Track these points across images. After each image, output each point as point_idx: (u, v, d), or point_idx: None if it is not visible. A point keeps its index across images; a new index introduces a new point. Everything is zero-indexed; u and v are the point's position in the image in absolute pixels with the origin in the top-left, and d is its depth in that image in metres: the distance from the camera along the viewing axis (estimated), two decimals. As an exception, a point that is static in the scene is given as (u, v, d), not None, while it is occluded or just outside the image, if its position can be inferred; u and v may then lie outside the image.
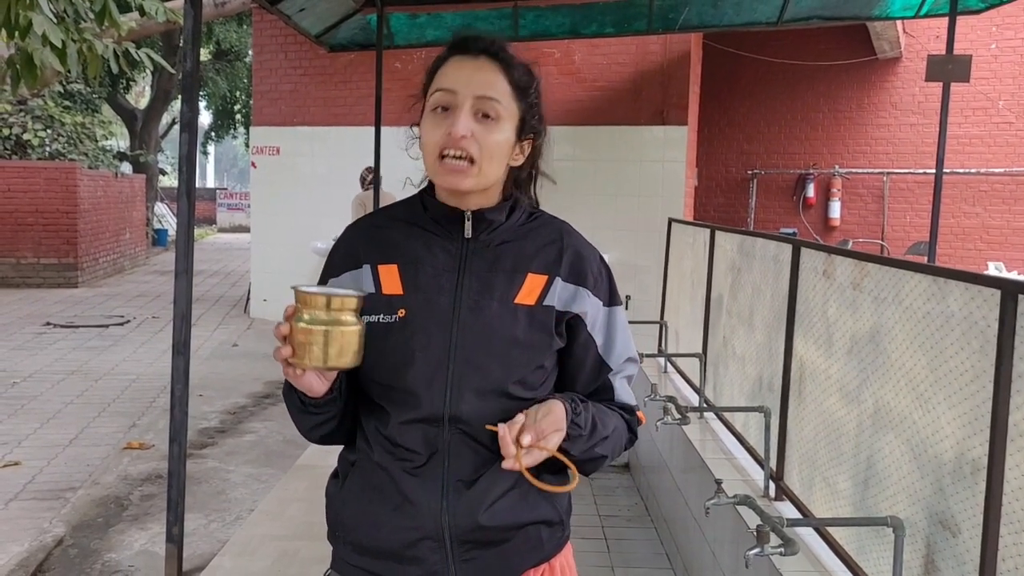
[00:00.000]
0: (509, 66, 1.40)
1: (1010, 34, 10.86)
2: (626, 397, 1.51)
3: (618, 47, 8.89)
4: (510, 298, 1.40)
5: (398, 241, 1.45)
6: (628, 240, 8.81)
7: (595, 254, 1.51)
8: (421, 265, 1.41)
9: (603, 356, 1.48)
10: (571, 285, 1.44)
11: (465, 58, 1.39)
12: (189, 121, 3.13)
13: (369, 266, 1.44)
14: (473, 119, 1.35)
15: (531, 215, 1.50)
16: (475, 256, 1.42)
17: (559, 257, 1.45)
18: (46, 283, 12.77)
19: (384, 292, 1.41)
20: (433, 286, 1.40)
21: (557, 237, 1.48)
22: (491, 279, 1.40)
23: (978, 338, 1.82)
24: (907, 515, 2.08)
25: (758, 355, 3.48)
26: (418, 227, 1.46)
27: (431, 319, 1.37)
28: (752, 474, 3.32)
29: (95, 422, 5.93)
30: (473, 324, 1.37)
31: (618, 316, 1.51)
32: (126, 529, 4.23)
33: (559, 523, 1.47)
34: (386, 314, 1.38)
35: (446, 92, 1.36)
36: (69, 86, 16.70)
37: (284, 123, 10.16)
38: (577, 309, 1.43)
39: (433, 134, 1.37)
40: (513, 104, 1.39)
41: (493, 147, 1.37)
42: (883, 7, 6.53)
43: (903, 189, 11.52)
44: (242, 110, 24.40)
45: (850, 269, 2.53)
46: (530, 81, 1.43)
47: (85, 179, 13.18)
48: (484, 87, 1.36)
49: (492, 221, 1.44)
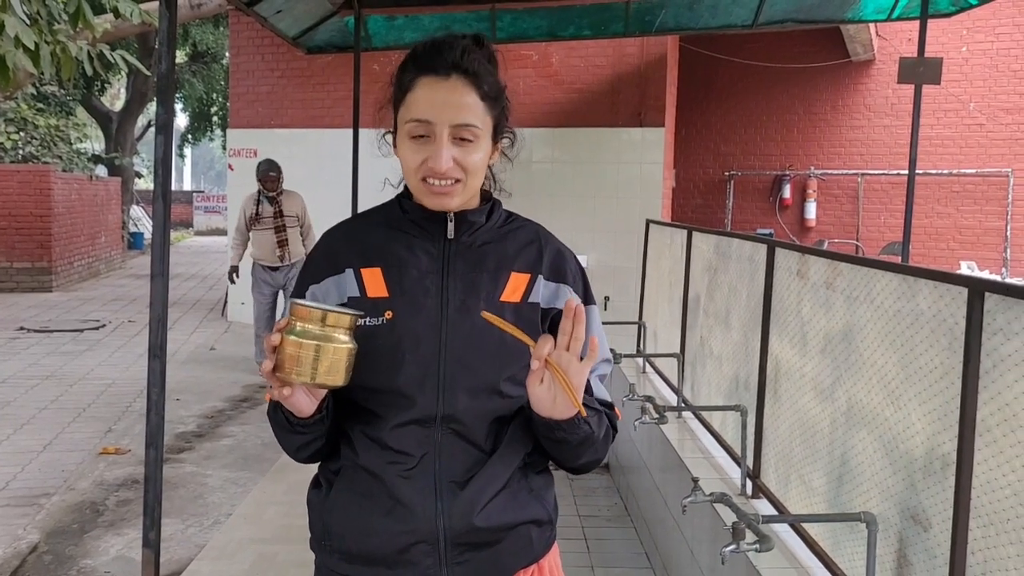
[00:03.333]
0: (480, 79, 1.39)
1: (980, 37, 11.02)
2: (604, 395, 1.51)
3: (595, 49, 8.93)
4: (496, 297, 1.41)
5: (379, 244, 1.45)
6: (606, 241, 8.85)
7: (571, 254, 1.53)
8: (405, 267, 1.42)
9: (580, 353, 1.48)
10: (552, 283, 1.46)
11: (436, 79, 1.37)
12: (165, 123, 3.11)
13: (352, 270, 1.43)
14: (452, 145, 1.35)
15: (508, 218, 1.52)
16: (458, 257, 1.43)
17: (539, 256, 1.47)
18: (19, 287, 12.63)
19: (369, 295, 1.40)
20: (419, 288, 1.40)
21: (535, 238, 1.51)
22: (475, 280, 1.41)
23: (947, 335, 1.85)
24: (880, 510, 2.11)
25: (735, 354, 3.51)
26: (398, 230, 1.46)
27: (419, 320, 1.38)
28: (729, 472, 3.35)
29: (70, 427, 5.88)
30: (461, 324, 1.38)
31: (593, 315, 1.50)
32: (102, 535, 4.19)
33: (548, 522, 1.48)
34: (372, 316, 1.38)
35: (421, 123, 1.36)
36: (43, 88, 16.53)
37: (261, 125, 10.11)
38: (560, 305, 1.44)
39: (413, 159, 1.37)
40: (487, 118, 1.40)
41: (475, 166, 1.38)
42: (856, 10, 6.60)
43: (877, 190, 11.65)
44: (219, 112, 24.24)
45: (823, 269, 2.57)
46: (500, 87, 1.43)
47: (59, 182, 13.05)
48: (460, 114, 1.36)
49: (474, 222, 1.45)
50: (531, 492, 1.44)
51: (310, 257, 1.52)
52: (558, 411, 1.29)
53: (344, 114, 8.81)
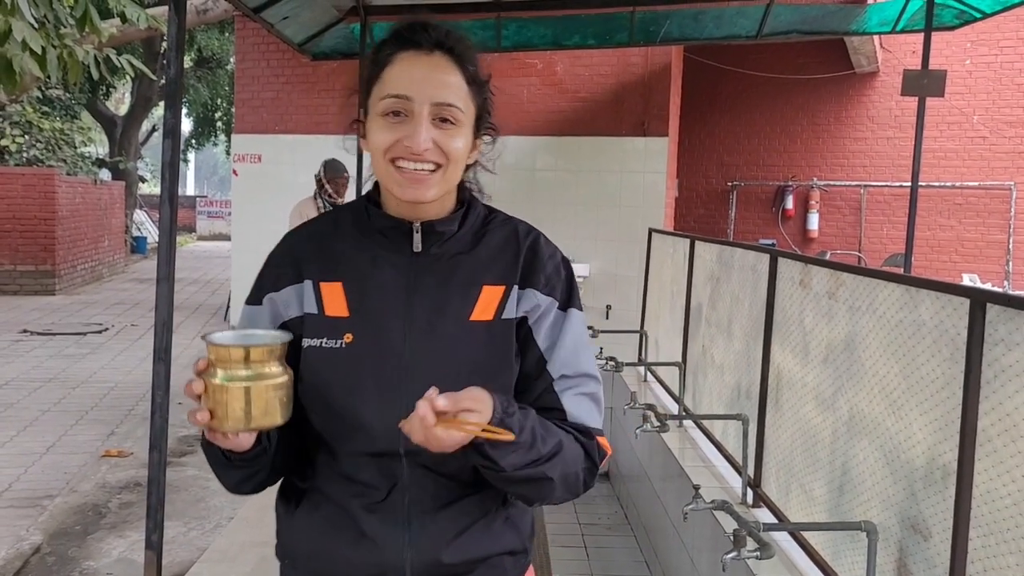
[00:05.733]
0: (465, 61, 1.26)
1: (984, 50, 11.04)
2: (584, 418, 1.31)
3: (600, 59, 8.96)
4: (465, 316, 1.27)
5: (342, 255, 1.32)
6: (609, 250, 8.86)
7: (554, 253, 1.37)
8: (367, 283, 1.29)
9: (545, 362, 1.30)
10: (522, 289, 1.31)
11: (418, 54, 1.24)
12: (172, 128, 3.13)
13: (311, 282, 1.30)
14: (432, 127, 1.22)
15: (486, 218, 1.37)
16: (425, 271, 1.29)
17: (515, 261, 1.32)
18: (23, 290, 12.65)
19: (328, 313, 1.27)
20: (381, 308, 1.27)
21: (513, 239, 1.35)
22: (444, 297, 1.28)
23: (948, 346, 1.86)
24: (880, 520, 2.12)
25: (736, 363, 3.52)
26: (363, 239, 1.32)
27: (381, 344, 1.25)
28: (730, 481, 3.35)
29: (73, 430, 5.89)
30: (427, 348, 1.25)
31: (572, 322, 1.32)
32: (104, 537, 4.20)
33: (523, 551, 1.37)
34: (330, 338, 1.25)
35: (399, 98, 1.22)
36: (48, 92, 16.59)
37: (266, 131, 10.14)
38: (523, 310, 1.30)
39: (384, 139, 1.23)
40: (471, 104, 1.27)
41: (455, 153, 1.24)
42: (860, 22, 6.63)
43: (880, 201, 11.66)
44: (223, 118, 24.30)
45: (826, 279, 2.58)
46: (485, 76, 1.31)
47: (63, 186, 13.09)
48: (442, 92, 1.22)
49: (443, 233, 1.31)
50: (507, 520, 1.32)
51: (271, 258, 1.38)
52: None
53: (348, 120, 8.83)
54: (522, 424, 1.16)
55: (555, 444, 1.22)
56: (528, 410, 1.21)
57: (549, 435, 1.22)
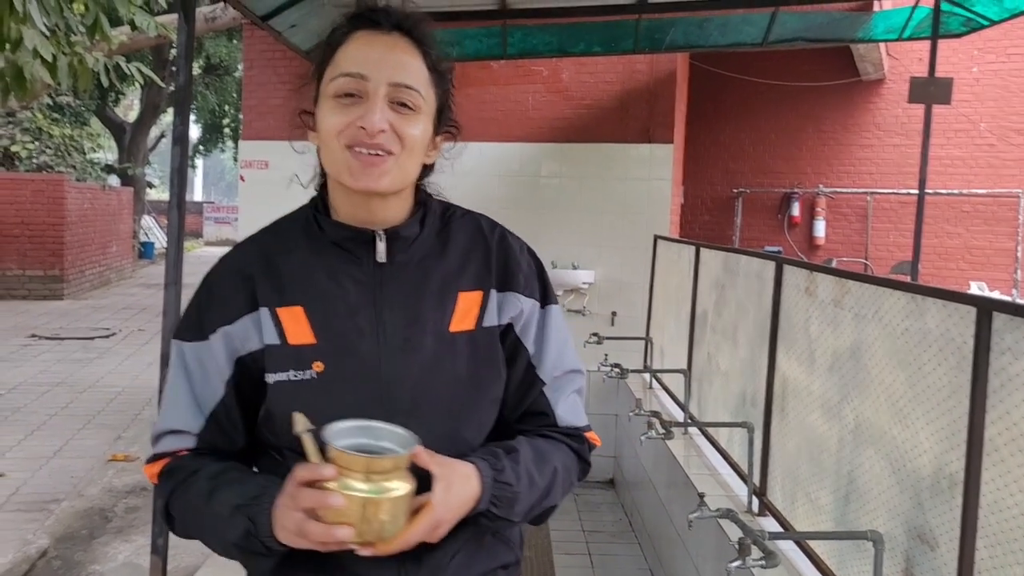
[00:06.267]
0: (427, 46, 1.18)
1: (991, 58, 11.03)
2: (571, 418, 1.27)
3: (605, 66, 8.97)
4: (444, 327, 1.18)
5: (296, 274, 1.19)
6: (614, 257, 8.86)
7: (524, 248, 1.30)
8: (331, 303, 1.17)
9: (535, 367, 1.25)
10: (502, 292, 1.23)
11: (375, 34, 1.16)
12: (181, 134, 3.15)
13: (267, 309, 1.17)
14: (389, 110, 1.13)
15: (444, 215, 1.28)
16: (393, 282, 1.19)
17: (487, 263, 1.24)
18: (31, 295, 12.70)
19: (291, 342, 1.15)
20: (350, 328, 1.16)
21: (480, 238, 1.26)
22: (417, 307, 1.18)
23: (955, 354, 1.86)
24: (886, 529, 2.12)
25: (742, 371, 3.52)
26: (318, 252, 1.20)
27: (355, 370, 1.15)
28: (736, 489, 3.35)
29: (80, 434, 5.91)
30: (406, 367, 1.15)
31: (552, 318, 1.27)
32: (110, 541, 4.21)
33: (515, 563, 1.30)
34: (297, 370, 1.14)
35: (354, 77, 1.13)
36: (58, 99, 16.68)
37: (273, 137, 10.16)
38: (508, 316, 1.23)
39: (336, 122, 1.13)
40: (431, 92, 1.18)
41: (412, 141, 1.14)
42: (867, 30, 6.64)
43: (887, 209, 11.64)
44: (231, 124, 24.39)
45: (831, 286, 2.58)
46: (448, 65, 1.23)
47: (72, 191, 13.15)
48: (400, 72, 1.14)
49: (407, 237, 1.21)
50: (496, 535, 1.24)
51: (212, 284, 1.22)
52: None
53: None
54: (516, 473, 1.14)
55: (551, 471, 1.20)
56: (518, 451, 1.17)
57: (544, 464, 1.19)
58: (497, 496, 1.12)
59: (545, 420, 1.25)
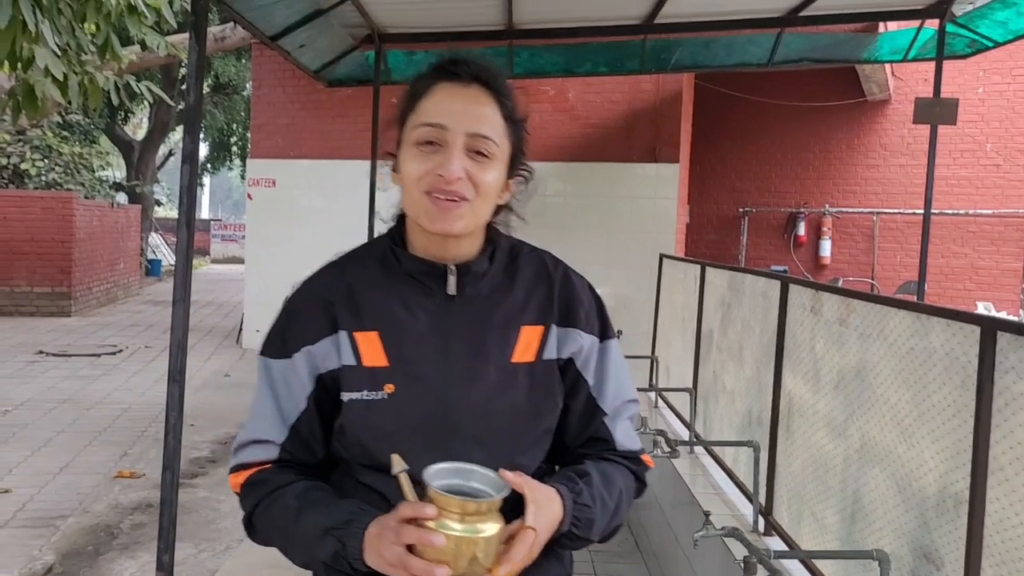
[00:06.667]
0: (503, 97, 1.26)
1: (997, 79, 11.06)
2: (628, 443, 1.35)
3: (611, 85, 9.03)
4: (506, 358, 1.26)
5: (374, 302, 1.27)
6: (620, 275, 8.87)
7: (584, 285, 1.37)
8: (404, 331, 1.25)
9: (596, 399, 1.32)
10: (563, 328, 1.31)
11: (455, 86, 1.23)
12: (190, 153, 3.18)
13: (346, 333, 1.26)
14: (466, 158, 1.20)
15: (512, 252, 1.35)
16: (461, 315, 1.27)
17: (550, 298, 1.31)
18: (39, 311, 12.75)
19: (365, 363, 1.24)
20: (420, 355, 1.24)
21: (544, 275, 1.34)
22: (483, 339, 1.26)
23: (959, 373, 1.87)
24: (892, 548, 2.11)
25: (747, 390, 3.52)
26: (394, 283, 1.28)
27: (421, 394, 1.23)
28: (741, 508, 3.34)
29: (86, 450, 5.92)
30: (470, 395, 1.23)
31: (611, 352, 1.35)
32: (116, 558, 4.21)
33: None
34: (370, 390, 1.22)
35: (435, 127, 1.20)
36: (68, 117, 16.82)
37: (281, 156, 10.25)
38: (569, 351, 1.31)
39: (417, 168, 1.20)
40: (506, 140, 1.25)
41: (486, 187, 1.22)
42: (872, 50, 6.67)
43: (893, 229, 11.64)
44: (238, 142, 24.55)
45: (836, 305, 2.59)
46: (522, 115, 1.30)
47: (81, 208, 13.22)
48: (478, 123, 1.21)
49: (477, 273, 1.28)
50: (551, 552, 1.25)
51: (296, 306, 1.31)
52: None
53: (362, 146, 8.93)
54: (592, 495, 1.22)
55: (618, 493, 1.28)
56: (590, 474, 1.25)
57: (612, 486, 1.27)
58: (578, 517, 1.20)
59: (606, 445, 1.33)
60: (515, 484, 1.11)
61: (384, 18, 5.71)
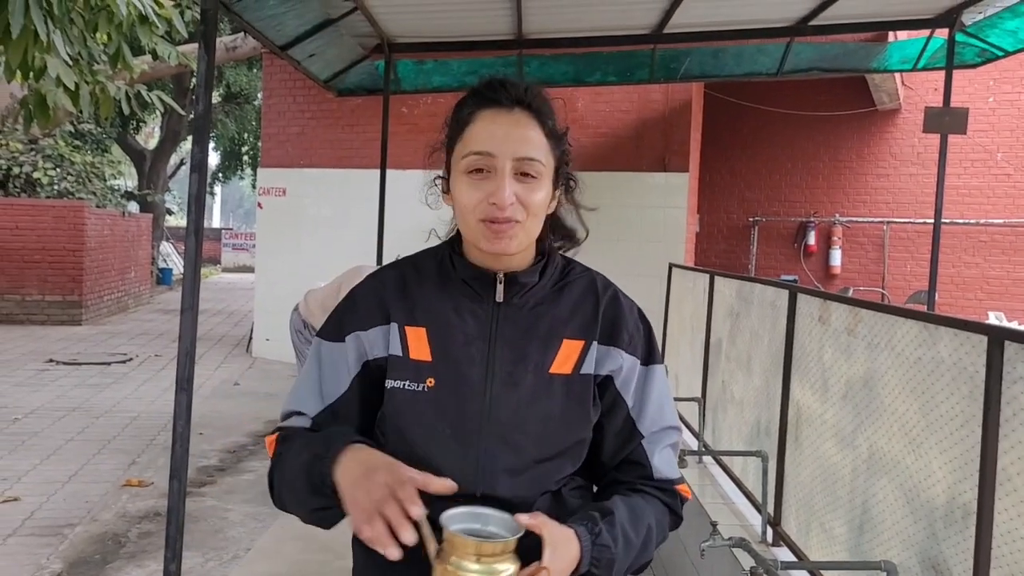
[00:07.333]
0: (544, 116, 1.31)
1: (1007, 88, 11.02)
2: (666, 470, 1.36)
3: (621, 95, 9.03)
4: (545, 368, 1.30)
5: (427, 301, 1.35)
6: (629, 285, 8.73)
7: (632, 308, 1.41)
8: (451, 331, 1.32)
9: (634, 421, 1.35)
10: (605, 346, 1.34)
11: (499, 112, 1.28)
12: (200, 162, 3.20)
13: (397, 325, 1.33)
14: (514, 181, 1.26)
15: (564, 269, 1.41)
16: (507, 322, 1.32)
17: (595, 317, 1.35)
18: (50, 320, 12.81)
19: (412, 356, 1.31)
20: (464, 355, 1.30)
21: (592, 293, 1.39)
22: (525, 347, 1.31)
23: (967, 383, 1.86)
24: (900, 559, 2.10)
25: (756, 399, 3.50)
26: (447, 287, 1.36)
27: (462, 391, 1.28)
28: (750, 519, 3.32)
29: (95, 459, 5.94)
30: (507, 398, 1.28)
31: (655, 377, 1.37)
32: (123, 566, 4.22)
33: None
34: (413, 381, 1.29)
35: (483, 155, 1.25)
36: (80, 126, 16.93)
37: (291, 165, 10.28)
38: (608, 369, 1.33)
39: (471, 197, 1.26)
40: (550, 157, 1.31)
41: (537, 207, 1.28)
42: (881, 60, 6.65)
43: (903, 238, 11.59)
44: (249, 152, 24.69)
45: (845, 315, 2.58)
46: (563, 129, 1.36)
47: (92, 217, 13.30)
48: (523, 147, 1.26)
49: (525, 284, 1.34)
50: None
51: (357, 296, 1.40)
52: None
53: (372, 155, 8.94)
54: (613, 535, 1.23)
55: (646, 529, 1.29)
56: (614, 513, 1.25)
57: (639, 523, 1.28)
58: (596, 558, 1.20)
59: (641, 471, 1.35)
60: (532, 526, 1.13)
61: (393, 28, 5.74)
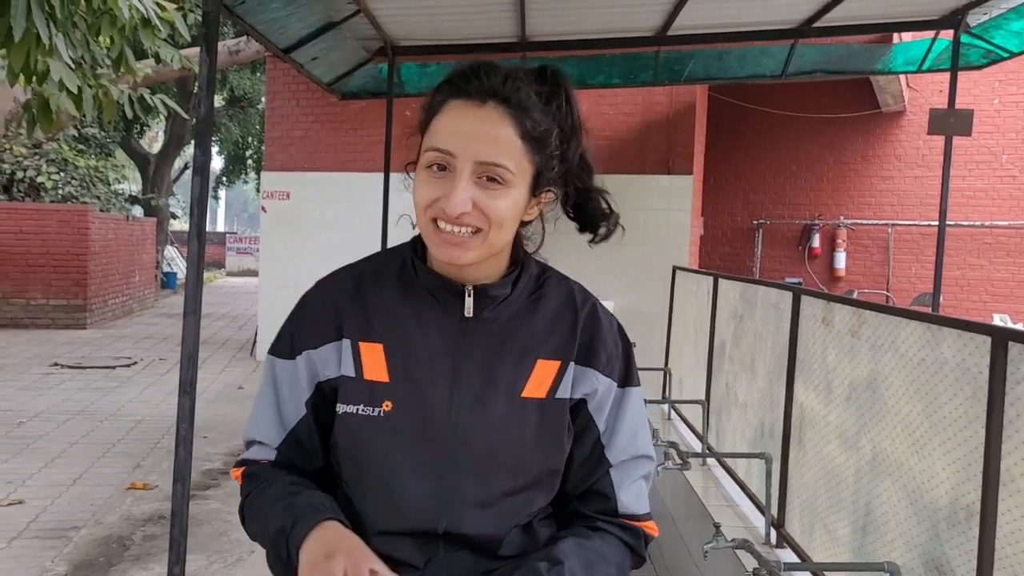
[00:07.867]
0: (523, 112, 1.12)
1: (1012, 89, 11.00)
2: (633, 505, 1.24)
3: (625, 97, 9.04)
4: (517, 391, 1.17)
5: (383, 311, 1.20)
6: (633, 287, 8.86)
7: (612, 325, 1.28)
8: (411, 347, 1.17)
9: (603, 447, 1.23)
10: (581, 367, 1.21)
11: (467, 105, 1.12)
12: (202, 165, 3.20)
13: (349, 341, 1.18)
14: (474, 185, 1.10)
15: (539, 279, 1.26)
16: (476, 338, 1.18)
17: (572, 334, 1.22)
18: (55, 324, 12.84)
19: (366, 377, 1.17)
20: (425, 375, 1.16)
21: (570, 307, 1.24)
22: (495, 367, 1.17)
23: (970, 384, 1.85)
24: (904, 560, 2.09)
25: (760, 401, 3.50)
26: (409, 295, 1.21)
27: (423, 417, 1.15)
28: (754, 521, 3.31)
29: (100, 462, 5.94)
30: (474, 425, 1.15)
31: (630, 401, 1.25)
32: (127, 569, 4.22)
33: None
34: (367, 405, 1.15)
35: (442, 153, 1.10)
36: (84, 130, 16.97)
37: (295, 168, 10.30)
38: (582, 392, 1.21)
39: (424, 194, 1.12)
40: (525, 162, 1.13)
41: (500, 216, 1.11)
42: (886, 62, 6.65)
43: (908, 240, 11.57)
44: (253, 155, 24.71)
45: (848, 317, 2.57)
46: (549, 128, 1.17)
47: (96, 222, 13.33)
48: (487, 151, 1.10)
49: (496, 297, 1.20)
50: None
51: (308, 304, 1.25)
52: None
53: (376, 158, 8.97)
54: None
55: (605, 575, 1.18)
56: (562, 564, 1.12)
57: (593, 570, 1.16)
58: None
59: (605, 503, 1.23)
60: None
61: (397, 30, 5.74)
